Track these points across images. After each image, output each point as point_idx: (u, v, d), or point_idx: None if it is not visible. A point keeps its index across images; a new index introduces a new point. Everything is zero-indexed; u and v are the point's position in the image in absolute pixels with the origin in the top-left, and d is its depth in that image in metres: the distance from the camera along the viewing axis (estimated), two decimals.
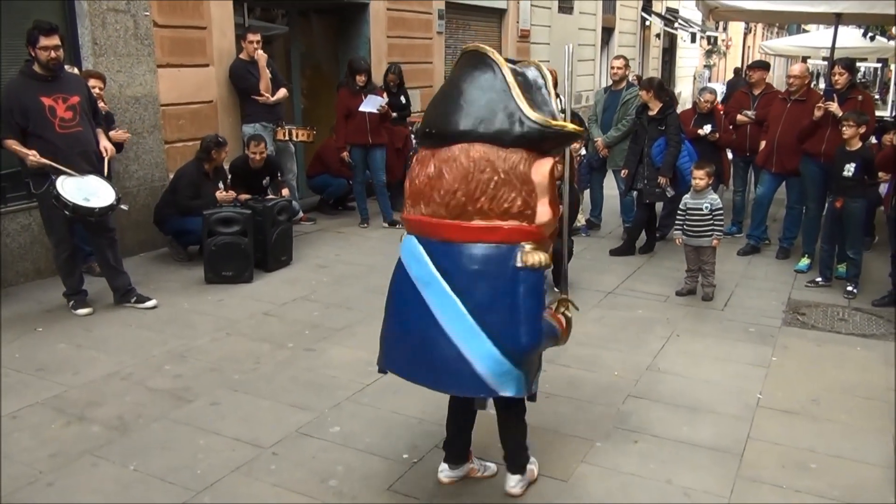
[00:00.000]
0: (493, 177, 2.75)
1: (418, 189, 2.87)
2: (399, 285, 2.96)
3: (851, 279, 6.09)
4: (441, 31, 11.20)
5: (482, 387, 2.80)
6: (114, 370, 4.41)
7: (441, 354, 2.81)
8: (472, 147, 2.78)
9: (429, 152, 2.89)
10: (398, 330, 2.98)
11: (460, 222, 2.79)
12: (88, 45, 6.32)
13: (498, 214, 2.78)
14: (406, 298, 2.91)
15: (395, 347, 3.00)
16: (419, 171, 2.89)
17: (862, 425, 3.91)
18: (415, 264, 2.88)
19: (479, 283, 2.79)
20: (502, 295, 2.79)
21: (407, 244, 2.95)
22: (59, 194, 4.88)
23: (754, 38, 34.77)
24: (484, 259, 2.80)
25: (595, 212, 8.33)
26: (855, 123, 5.82)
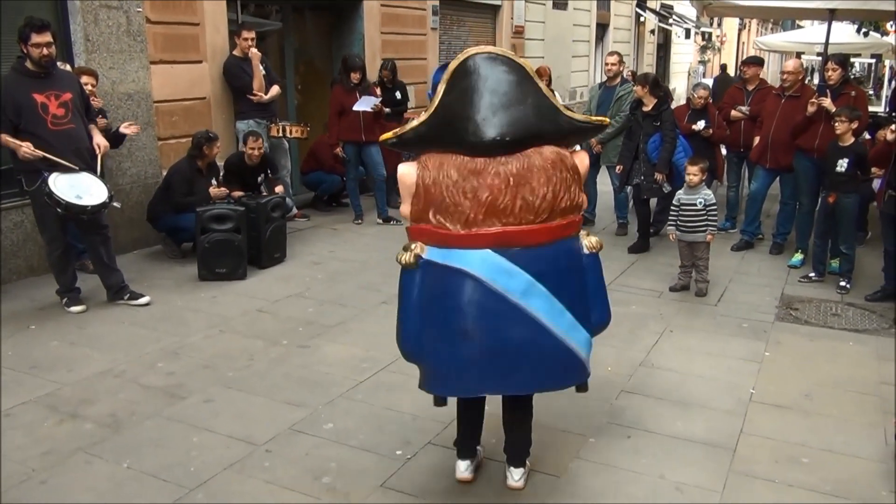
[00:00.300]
0: (566, 175, 2.86)
1: (490, 202, 2.80)
2: (479, 303, 2.84)
3: (844, 274, 6.11)
4: (435, 28, 11.19)
5: (585, 372, 3.06)
6: (107, 368, 4.40)
7: (552, 355, 2.90)
8: (543, 149, 2.85)
9: (483, 161, 2.81)
10: (490, 346, 2.85)
11: (548, 224, 2.85)
12: (81, 42, 6.30)
13: (572, 209, 2.92)
14: (496, 314, 2.84)
15: (476, 367, 2.89)
16: (479, 183, 2.80)
17: (854, 420, 3.93)
18: (505, 278, 2.83)
19: (567, 277, 2.93)
20: (581, 283, 2.99)
21: (483, 261, 2.83)
22: (51, 192, 4.86)
23: (749, 34, 34.79)
24: (568, 254, 2.95)
25: (589, 208, 8.32)
26: (847, 119, 5.83)
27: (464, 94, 2.84)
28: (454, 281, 2.85)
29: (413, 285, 2.94)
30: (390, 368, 4.46)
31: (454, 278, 2.85)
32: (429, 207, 2.87)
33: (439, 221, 2.86)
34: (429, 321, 2.92)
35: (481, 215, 2.81)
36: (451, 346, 2.89)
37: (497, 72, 2.85)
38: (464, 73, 2.86)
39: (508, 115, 2.82)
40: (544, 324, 2.85)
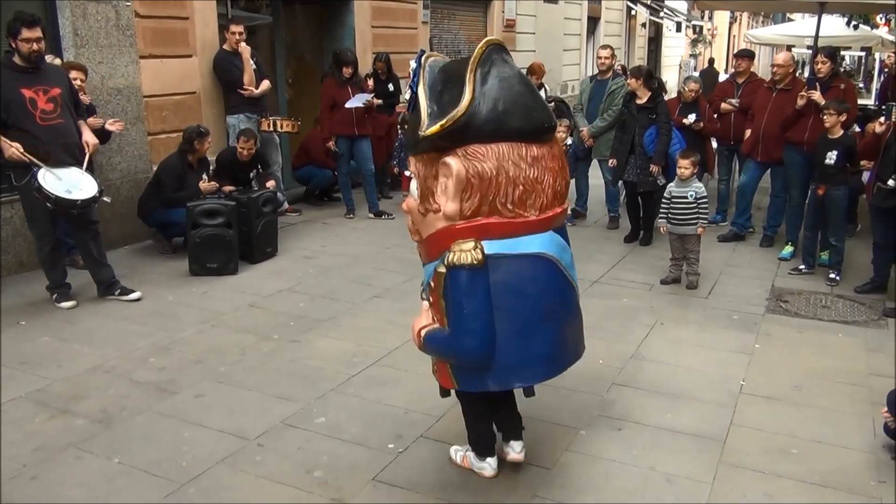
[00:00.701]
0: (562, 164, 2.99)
1: (553, 186, 2.89)
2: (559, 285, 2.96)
3: (834, 266, 6.14)
4: (426, 21, 11.17)
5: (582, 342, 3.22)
6: (98, 363, 4.39)
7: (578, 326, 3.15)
8: (555, 138, 3.01)
9: (536, 148, 2.85)
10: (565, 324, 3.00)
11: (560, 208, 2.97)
12: (69, 36, 6.26)
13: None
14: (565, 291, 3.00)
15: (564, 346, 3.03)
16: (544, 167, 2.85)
17: (843, 411, 3.95)
18: (565, 255, 2.99)
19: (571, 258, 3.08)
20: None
21: (552, 241, 2.92)
22: (40, 186, 4.84)
23: (739, 27, 34.85)
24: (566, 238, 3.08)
25: (580, 201, 8.34)
26: (835, 112, 5.85)
27: (503, 82, 2.83)
28: (532, 267, 2.88)
29: (480, 286, 2.80)
30: (382, 363, 4.46)
31: (532, 265, 2.88)
32: (491, 199, 2.80)
33: (513, 211, 2.83)
34: (507, 316, 2.85)
35: (549, 199, 2.89)
36: (540, 333, 2.90)
37: (510, 62, 2.91)
38: (489, 62, 2.83)
39: (540, 102, 2.95)
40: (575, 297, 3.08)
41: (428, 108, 2.87)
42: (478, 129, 2.77)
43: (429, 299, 2.99)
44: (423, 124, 2.82)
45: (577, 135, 7.95)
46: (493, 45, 2.85)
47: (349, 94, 7.77)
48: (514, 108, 2.80)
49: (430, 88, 2.91)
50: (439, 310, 2.91)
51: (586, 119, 7.87)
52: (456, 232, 2.84)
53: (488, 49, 2.81)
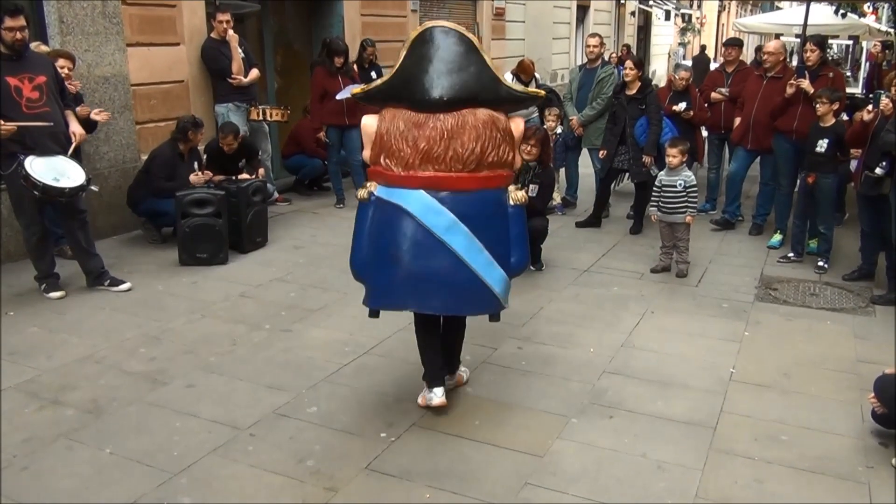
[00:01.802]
0: (496, 135, 3.40)
1: (426, 150, 3.35)
2: (409, 236, 3.41)
3: (822, 254, 6.18)
4: (415, 10, 11.11)
5: (497, 304, 3.55)
6: (87, 353, 4.37)
7: (466, 285, 3.43)
8: (477, 111, 3.39)
9: (424, 116, 3.37)
10: (415, 271, 3.41)
11: (475, 174, 3.39)
12: (55, 24, 6.19)
13: (499, 165, 3.45)
14: (421, 245, 3.40)
15: (402, 287, 3.46)
16: (419, 133, 3.36)
17: (832, 397, 3.98)
18: (432, 215, 3.38)
19: (490, 222, 3.47)
20: (504, 229, 3.52)
21: (416, 199, 3.39)
22: (28, 174, 4.79)
23: (728, 16, 34.87)
24: (493, 201, 3.50)
25: (570, 190, 8.35)
26: (828, 101, 5.87)
27: (419, 59, 3.41)
28: (394, 214, 3.43)
29: (366, 216, 3.55)
30: (373, 352, 4.46)
31: (394, 212, 3.43)
32: (381, 152, 3.45)
33: (386, 164, 3.44)
34: (372, 247, 3.52)
35: (418, 160, 3.37)
36: (385, 268, 3.48)
37: (448, 43, 3.40)
38: (421, 41, 3.43)
39: (451, 79, 3.37)
40: (462, 258, 3.40)
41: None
42: (390, 95, 3.48)
43: None
44: None
45: (567, 124, 7.95)
46: (431, 28, 3.44)
47: (340, 84, 7.73)
48: (414, 81, 3.38)
49: None
50: None
51: (576, 108, 7.86)
52: (367, 173, 3.63)
53: (425, 31, 3.44)
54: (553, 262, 6.21)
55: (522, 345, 4.60)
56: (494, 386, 4.05)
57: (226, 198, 6.13)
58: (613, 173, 7.25)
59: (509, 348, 4.54)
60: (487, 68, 3.43)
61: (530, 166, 5.79)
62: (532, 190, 5.78)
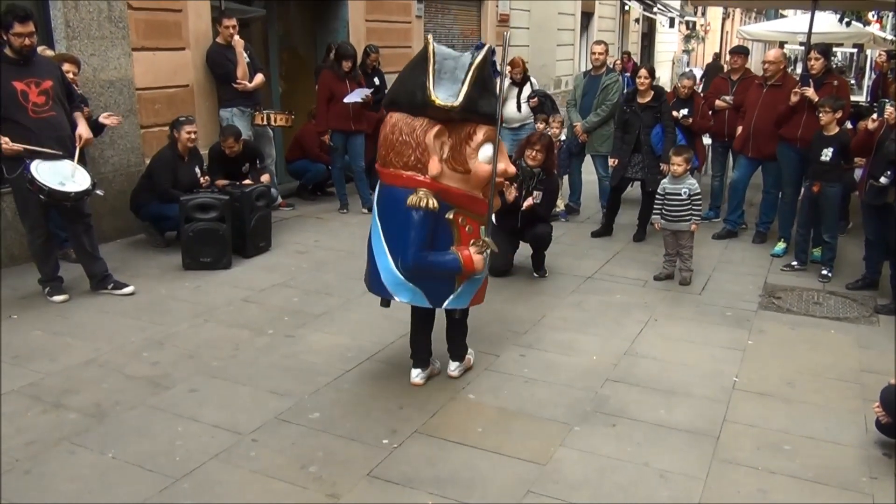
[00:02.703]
0: (399, 137, 3.69)
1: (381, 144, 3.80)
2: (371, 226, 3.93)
3: (826, 263, 6.17)
4: (420, 15, 11.14)
5: (385, 291, 3.88)
6: (91, 357, 4.37)
7: (373, 268, 3.89)
8: (392, 114, 3.78)
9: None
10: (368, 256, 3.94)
11: (387, 169, 3.76)
12: (61, 28, 6.22)
13: (400, 166, 3.70)
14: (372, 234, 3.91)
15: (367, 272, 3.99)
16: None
17: (835, 407, 3.97)
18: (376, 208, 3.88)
19: (391, 215, 3.76)
20: (400, 226, 3.72)
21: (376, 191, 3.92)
22: (33, 178, 4.81)
23: (732, 23, 34.89)
24: (393, 198, 3.74)
25: (574, 197, 8.35)
26: (831, 109, 5.87)
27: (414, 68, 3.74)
28: None
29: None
30: (376, 358, 4.46)
31: None
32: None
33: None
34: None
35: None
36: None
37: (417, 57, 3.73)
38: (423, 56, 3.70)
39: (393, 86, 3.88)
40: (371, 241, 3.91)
41: None
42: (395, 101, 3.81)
43: None
44: None
45: (571, 130, 7.95)
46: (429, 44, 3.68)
47: (347, 88, 7.74)
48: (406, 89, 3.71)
49: None
50: None
51: (580, 114, 7.87)
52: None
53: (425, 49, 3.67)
54: (556, 269, 6.20)
55: (525, 352, 4.59)
56: (497, 393, 4.04)
57: (230, 202, 6.14)
58: (625, 182, 7.22)
59: (512, 355, 4.53)
60: (425, 78, 3.60)
61: (535, 173, 5.80)
62: (536, 197, 5.78)
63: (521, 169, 5.80)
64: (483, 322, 4.97)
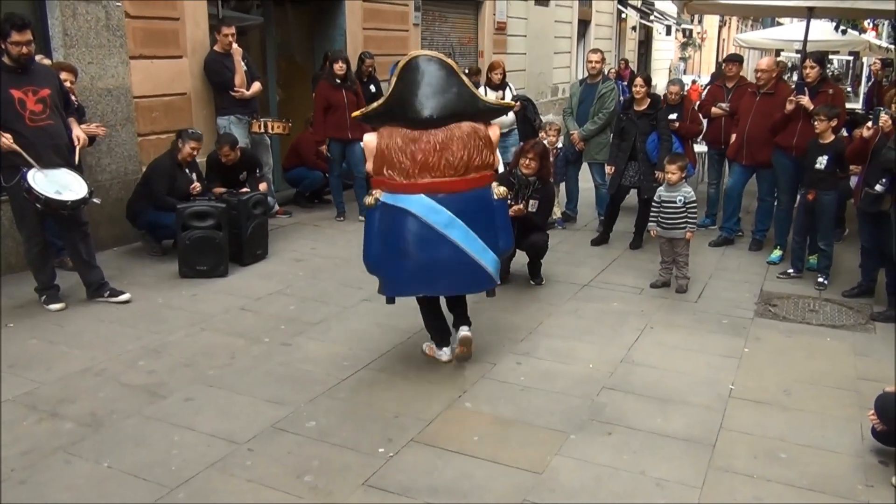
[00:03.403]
0: (478, 143, 4.09)
1: (423, 161, 4.00)
2: (415, 232, 4.07)
3: (822, 271, 6.18)
4: (417, 24, 11.18)
5: (492, 281, 4.27)
6: (87, 366, 4.37)
7: (466, 269, 4.13)
8: (462, 124, 4.07)
9: (418, 133, 4.02)
10: (422, 261, 4.09)
11: (464, 177, 4.08)
12: (59, 37, 6.23)
13: (483, 167, 4.15)
14: (426, 239, 4.06)
15: (413, 276, 4.14)
16: (416, 147, 4.01)
17: (831, 415, 3.98)
18: (433, 214, 4.04)
19: (479, 214, 4.16)
20: (491, 219, 4.21)
21: (418, 202, 4.04)
22: (30, 187, 4.81)
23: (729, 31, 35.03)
24: (481, 198, 4.17)
25: (570, 205, 8.36)
26: (826, 117, 5.89)
27: (409, 84, 4.05)
28: (399, 216, 4.08)
29: (374, 219, 4.18)
30: (372, 366, 4.46)
31: (399, 214, 4.08)
32: (383, 164, 4.08)
33: (389, 174, 4.08)
34: (383, 244, 4.16)
35: (416, 170, 4.02)
36: (396, 262, 4.14)
37: (431, 69, 4.07)
38: (408, 69, 4.08)
39: (437, 100, 4.03)
40: (461, 247, 4.08)
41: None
42: (386, 116, 4.12)
43: None
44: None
45: (568, 138, 7.97)
46: (416, 57, 4.12)
47: (343, 97, 7.75)
48: (406, 104, 4.03)
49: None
50: None
51: (577, 123, 7.89)
52: (372, 183, 4.24)
53: (411, 60, 4.09)
54: (553, 277, 6.21)
55: (521, 360, 4.60)
56: (493, 401, 4.04)
57: (226, 210, 6.14)
58: (623, 190, 7.23)
59: (508, 363, 4.53)
60: (466, 88, 4.13)
61: (530, 181, 5.81)
62: (532, 205, 5.79)
63: (516, 177, 5.82)
64: (480, 330, 4.97)
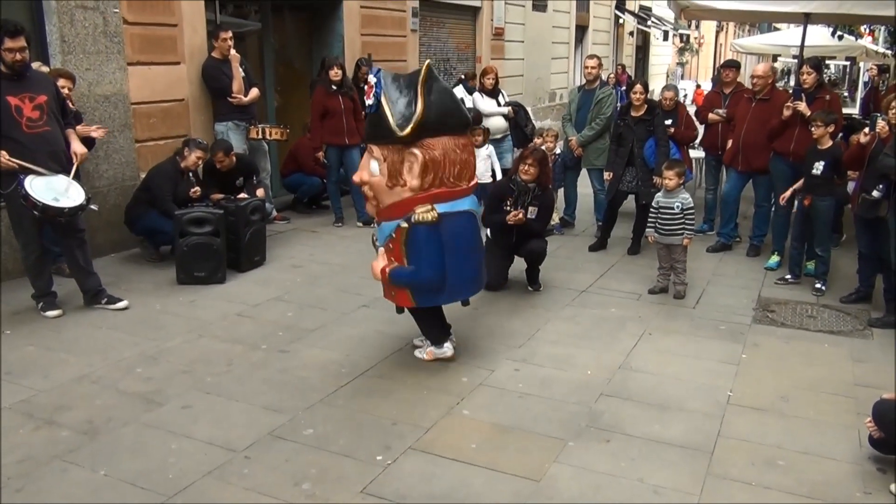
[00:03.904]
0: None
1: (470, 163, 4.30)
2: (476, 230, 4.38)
3: (820, 276, 6.18)
4: (415, 29, 11.19)
5: None
6: (84, 373, 4.36)
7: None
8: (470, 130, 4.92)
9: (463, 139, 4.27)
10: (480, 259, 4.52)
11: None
12: (56, 43, 6.23)
13: None
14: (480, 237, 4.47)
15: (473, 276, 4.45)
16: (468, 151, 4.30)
17: (829, 422, 3.97)
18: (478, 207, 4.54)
19: None
20: None
21: (472, 202, 4.34)
22: (27, 194, 4.80)
23: (726, 36, 35.11)
24: None
25: (569, 210, 8.36)
26: (823, 123, 5.90)
27: (441, 94, 4.13)
28: (463, 219, 4.25)
29: (436, 235, 4.13)
30: (370, 373, 4.45)
31: (463, 218, 4.25)
32: (436, 176, 4.11)
33: (452, 182, 4.18)
34: (453, 254, 4.20)
35: (468, 173, 4.27)
36: (462, 266, 4.27)
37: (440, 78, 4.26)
38: (433, 77, 4.11)
39: (461, 106, 4.33)
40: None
41: (396, 115, 4.03)
42: (429, 128, 4.05)
43: (387, 246, 4.27)
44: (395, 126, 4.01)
45: (566, 144, 7.98)
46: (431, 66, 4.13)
47: (340, 103, 7.76)
48: (449, 112, 4.13)
49: (390, 98, 4.06)
50: (399, 254, 4.21)
51: (575, 129, 7.90)
52: (417, 199, 4.12)
53: (429, 69, 4.08)
54: (551, 283, 6.21)
55: (520, 366, 4.59)
56: (491, 408, 4.04)
57: (224, 216, 6.14)
58: (620, 195, 7.24)
59: (506, 370, 4.53)
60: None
61: (529, 188, 5.81)
62: (531, 212, 5.79)
63: (515, 184, 5.83)
64: (477, 336, 4.97)
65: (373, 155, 4.21)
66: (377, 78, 4.10)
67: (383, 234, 4.31)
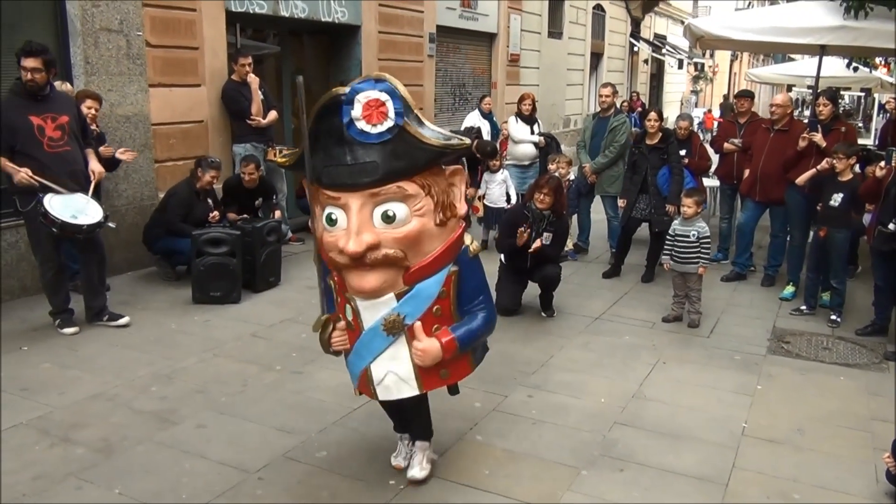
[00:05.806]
0: None
1: None
2: None
3: (835, 308, 6.15)
4: (432, 55, 11.29)
5: None
6: (99, 391, 4.38)
7: None
8: None
9: None
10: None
11: None
12: (80, 64, 6.33)
13: None
14: None
15: None
16: None
17: (845, 455, 3.94)
18: None
19: None
20: None
21: None
22: (46, 212, 4.87)
23: (741, 65, 35.21)
24: None
25: (583, 237, 8.37)
26: (845, 156, 5.89)
27: None
28: None
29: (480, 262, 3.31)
30: None
31: None
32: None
33: None
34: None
35: None
36: None
37: None
38: None
39: None
40: None
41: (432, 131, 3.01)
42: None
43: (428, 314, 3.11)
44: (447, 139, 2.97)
45: (581, 171, 8.02)
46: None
47: None
48: None
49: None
50: (450, 313, 3.15)
51: (589, 156, 7.94)
52: (462, 231, 3.17)
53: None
54: (564, 309, 6.20)
55: (533, 393, 4.58)
56: (504, 435, 4.03)
57: (240, 237, 6.19)
58: (634, 223, 7.25)
59: (519, 396, 4.52)
60: None
61: (545, 215, 5.83)
62: (546, 238, 5.81)
63: (530, 211, 5.85)
64: (491, 362, 4.93)
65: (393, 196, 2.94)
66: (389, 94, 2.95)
67: (418, 302, 3.09)
